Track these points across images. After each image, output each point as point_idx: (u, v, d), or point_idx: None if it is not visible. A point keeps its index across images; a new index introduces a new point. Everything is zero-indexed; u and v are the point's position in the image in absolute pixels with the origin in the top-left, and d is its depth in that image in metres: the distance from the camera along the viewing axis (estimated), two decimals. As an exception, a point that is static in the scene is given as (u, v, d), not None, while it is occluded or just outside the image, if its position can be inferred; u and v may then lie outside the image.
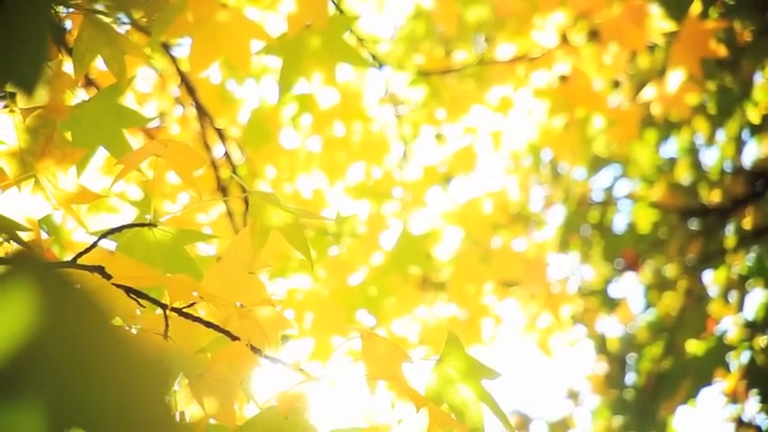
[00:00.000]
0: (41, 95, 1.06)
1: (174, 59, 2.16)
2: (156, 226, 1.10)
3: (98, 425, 0.41)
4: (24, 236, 1.02)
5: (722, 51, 2.58)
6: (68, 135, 1.19)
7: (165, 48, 2.12)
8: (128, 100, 2.28)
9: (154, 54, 2.22)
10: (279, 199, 1.10)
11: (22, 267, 0.42)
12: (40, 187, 1.09)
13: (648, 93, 2.70)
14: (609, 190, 4.13)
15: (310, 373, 1.09)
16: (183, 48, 2.47)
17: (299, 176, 2.64)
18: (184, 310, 1.05)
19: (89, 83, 1.95)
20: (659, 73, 2.96)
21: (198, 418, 1.09)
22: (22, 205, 1.06)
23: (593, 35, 2.65)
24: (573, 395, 4.51)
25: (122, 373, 0.42)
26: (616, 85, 3.00)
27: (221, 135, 2.23)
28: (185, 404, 1.11)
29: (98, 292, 0.41)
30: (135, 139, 2.13)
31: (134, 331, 1.02)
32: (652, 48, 2.93)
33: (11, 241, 1.02)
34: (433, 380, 1.14)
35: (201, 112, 2.20)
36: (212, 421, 1.09)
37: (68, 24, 2.02)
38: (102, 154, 1.29)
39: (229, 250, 1.11)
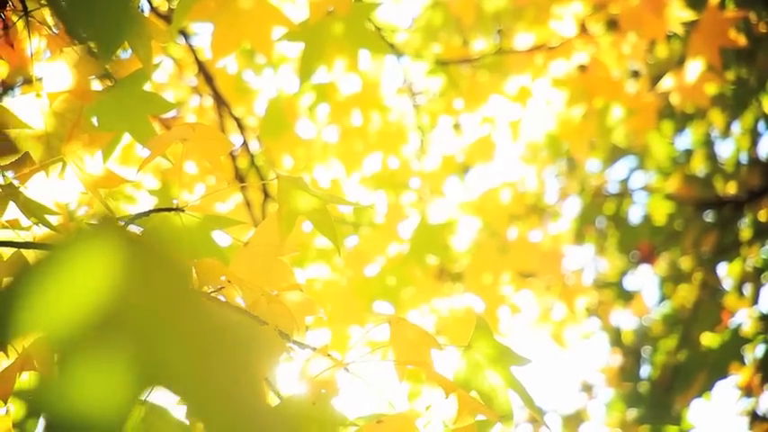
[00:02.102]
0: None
1: (192, 48, 2.15)
2: (183, 211, 1.09)
3: (179, 384, 0.41)
4: (53, 219, 1.02)
5: (742, 41, 2.56)
6: (94, 120, 1.18)
7: (184, 36, 2.11)
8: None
9: (171, 43, 2.22)
10: (306, 184, 1.09)
11: (108, 229, 0.41)
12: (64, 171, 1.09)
13: (667, 83, 2.68)
14: (624, 182, 4.12)
15: (338, 359, 1.08)
16: (200, 37, 2.46)
17: (315, 166, 2.64)
18: (212, 294, 1.04)
19: (105, 72, 1.94)
20: (678, 63, 2.94)
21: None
22: (50, 189, 1.06)
23: (612, 24, 2.63)
24: (587, 388, 4.50)
25: (204, 336, 0.42)
26: (635, 74, 2.99)
27: (239, 124, 2.22)
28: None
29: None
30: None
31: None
32: (670, 37, 2.91)
33: (40, 225, 1.01)
34: (462, 366, 1.13)
35: (220, 101, 2.19)
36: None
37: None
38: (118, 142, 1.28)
39: (257, 235, 1.11)
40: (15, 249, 1.05)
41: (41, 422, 1.08)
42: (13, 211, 1.05)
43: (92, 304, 0.42)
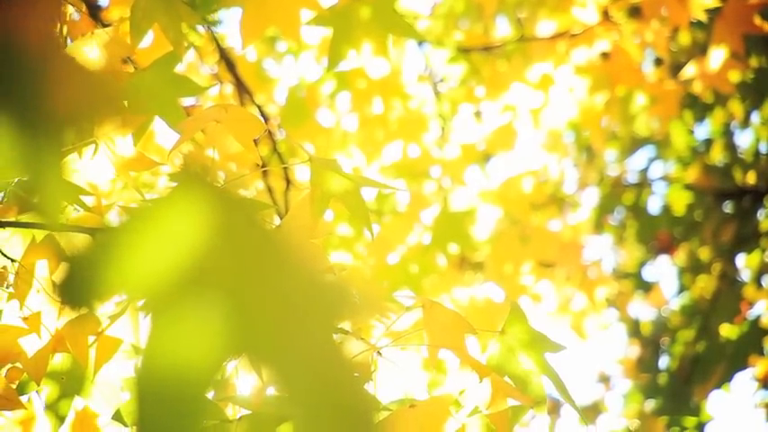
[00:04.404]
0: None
1: (213, 34, 2.14)
2: (215, 193, 1.09)
3: (265, 347, 0.40)
4: (87, 200, 1.01)
5: (767, 28, 2.54)
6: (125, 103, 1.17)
7: (208, 24, 2.10)
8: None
9: (192, 30, 2.21)
10: (340, 166, 1.09)
11: (199, 185, 0.41)
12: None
13: (690, 70, 2.66)
14: (644, 172, 4.09)
15: (372, 342, 1.08)
16: (221, 24, 2.45)
17: (336, 154, 2.63)
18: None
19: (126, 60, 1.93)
20: (700, 50, 2.92)
21: (256, 387, 1.08)
22: (83, 170, 1.06)
23: (635, 12, 2.61)
24: (604, 379, 4.48)
25: (292, 297, 0.41)
26: (658, 62, 2.96)
27: (261, 112, 2.21)
28: (245, 372, 1.10)
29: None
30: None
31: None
32: (693, 24, 2.88)
33: (74, 206, 1.01)
34: (496, 351, 1.13)
35: (242, 89, 2.19)
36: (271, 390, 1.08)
37: (104, 2, 2.00)
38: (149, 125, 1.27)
39: (289, 218, 1.10)
40: (47, 232, 1.05)
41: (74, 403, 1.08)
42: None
43: (181, 262, 0.41)
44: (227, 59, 2.20)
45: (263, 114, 2.24)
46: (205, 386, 0.42)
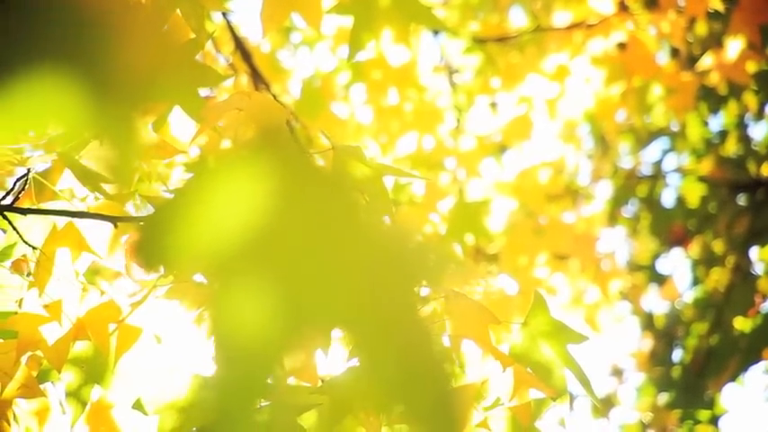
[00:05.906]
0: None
1: (229, 24, 2.14)
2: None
3: (345, 312, 0.39)
4: (108, 188, 1.01)
5: (785, 18, 2.52)
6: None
7: (223, 13, 2.09)
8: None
9: (208, 20, 2.20)
10: (363, 154, 1.08)
11: (273, 143, 0.40)
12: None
13: (706, 61, 2.65)
14: (658, 164, 4.07)
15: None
16: (236, 14, 2.44)
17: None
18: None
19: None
20: (717, 41, 2.90)
21: (278, 376, 1.08)
22: (104, 158, 1.05)
23: (651, 2, 2.60)
24: (617, 372, 4.47)
25: (374, 258, 0.40)
26: (674, 53, 2.95)
27: (277, 101, 2.20)
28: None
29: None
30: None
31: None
32: (710, 15, 2.87)
33: (96, 194, 1.00)
34: (518, 341, 1.12)
35: (257, 79, 2.18)
36: (291, 380, 1.08)
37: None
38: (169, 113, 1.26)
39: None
40: (69, 219, 1.05)
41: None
42: (67, 180, 1.04)
43: (255, 223, 0.40)
44: (242, 49, 2.20)
45: (279, 104, 2.22)
46: (279, 352, 0.41)
